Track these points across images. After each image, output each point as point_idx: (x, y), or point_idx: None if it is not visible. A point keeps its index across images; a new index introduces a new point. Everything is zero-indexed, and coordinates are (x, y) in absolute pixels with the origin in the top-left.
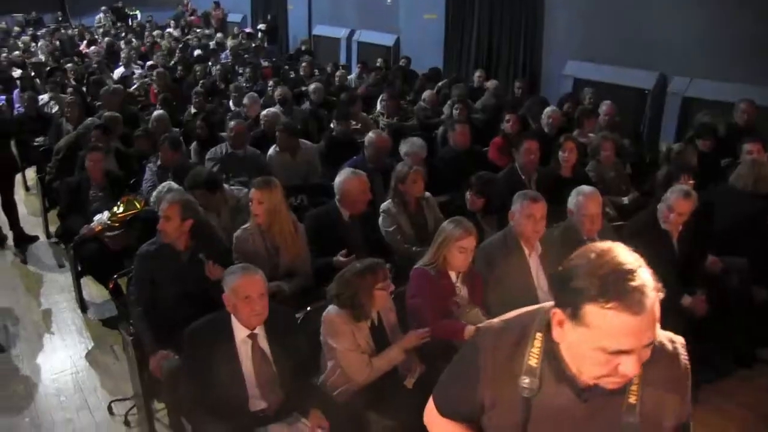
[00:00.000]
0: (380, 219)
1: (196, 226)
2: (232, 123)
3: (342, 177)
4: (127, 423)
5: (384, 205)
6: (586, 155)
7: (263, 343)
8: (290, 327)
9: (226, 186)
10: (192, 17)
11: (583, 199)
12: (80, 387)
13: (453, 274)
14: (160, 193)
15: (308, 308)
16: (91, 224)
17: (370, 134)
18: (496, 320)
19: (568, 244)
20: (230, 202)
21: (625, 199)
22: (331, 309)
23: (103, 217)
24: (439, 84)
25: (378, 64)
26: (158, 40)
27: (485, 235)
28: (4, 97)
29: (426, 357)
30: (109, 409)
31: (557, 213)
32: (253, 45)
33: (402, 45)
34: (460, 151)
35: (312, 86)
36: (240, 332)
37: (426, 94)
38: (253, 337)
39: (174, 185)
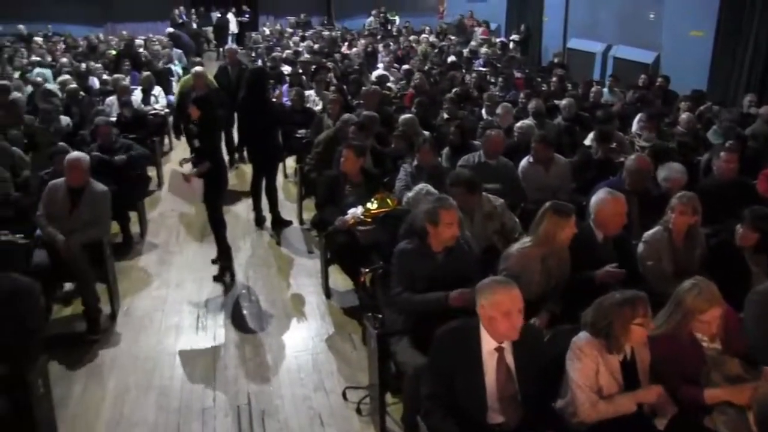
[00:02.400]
0: (640, 248)
1: None
2: (490, 132)
3: (599, 197)
4: (358, 411)
5: (647, 235)
6: None
7: (509, 357)
8: (537, 345)
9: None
10: (480, 28)
11: None
12: (319, 369)
13: None
14: (418, 194)
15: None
16: (345, 217)
17: (632, 157)
18: None
19: None
20: (485, 208)
21: None
22: (583, 336)
23: (357, 211)
24: (701, 108)
25: (641, 82)
26: (414, 45)
27: (753, 278)
28: (277, 89)
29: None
30: (344, 394)
31: None
32: (507, 55)
33: (663, 63)
34: (725, 182)
35: (564, 101)
36: (488, 343)
37: (683, 117)
38: (499, 350)
39: (431, 188)
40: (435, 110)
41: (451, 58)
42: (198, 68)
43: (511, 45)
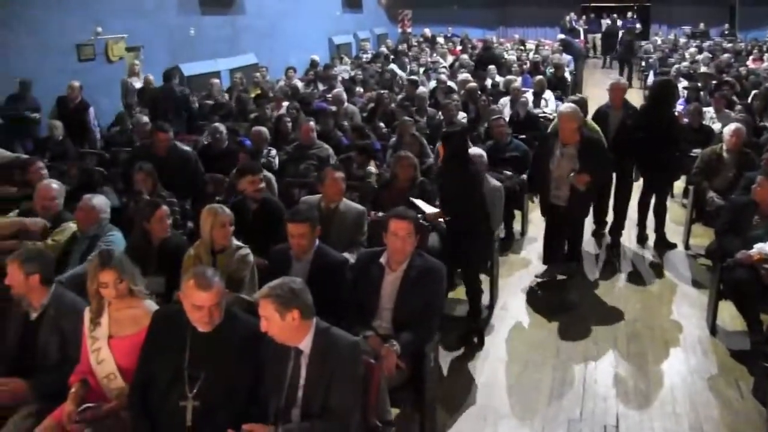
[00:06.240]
0: None
1: None
2: None
3: None
4: None
5: None
6: None
7: None
8: None
9: None
10: None
11: None
12: (696, 409)
13: None
14: None
15: None
16: (750, 251)
17: None
18: None
19: None
20: None
21: None
22: None
23: (766, 247)
24: None
25: None
26: None
27: None
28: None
29: None
30: None
31: None
32: None
33: None
34: None
35: None
36: None
37: None
38: None
39: None
40: None
41: None
42: (565, 107)
43: None
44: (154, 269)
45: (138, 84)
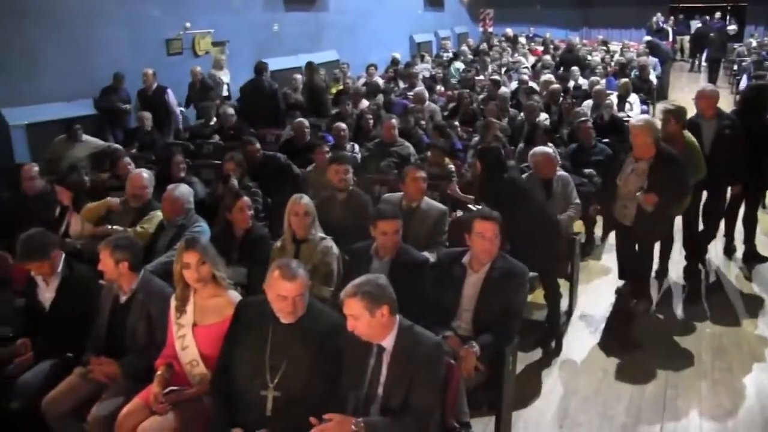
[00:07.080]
0: None
1: None
2: None
3: None
4: None
5: None
6: None
7: None
8: None
9: None
10: None
11: None
12: None
13: None
14: None
15: None
16: None
17: None
18: None
19: None
20: None
21: None
22: None
23: None
24: None
25: None
26: None
27: None
28: None
29: None
30: None
31: None
32: None
33: None
34: None
35: None
36: None
37: None
38: None
39: None
40: None
41: None
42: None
43: None
44: (237, 260)
45: (225, 78)
